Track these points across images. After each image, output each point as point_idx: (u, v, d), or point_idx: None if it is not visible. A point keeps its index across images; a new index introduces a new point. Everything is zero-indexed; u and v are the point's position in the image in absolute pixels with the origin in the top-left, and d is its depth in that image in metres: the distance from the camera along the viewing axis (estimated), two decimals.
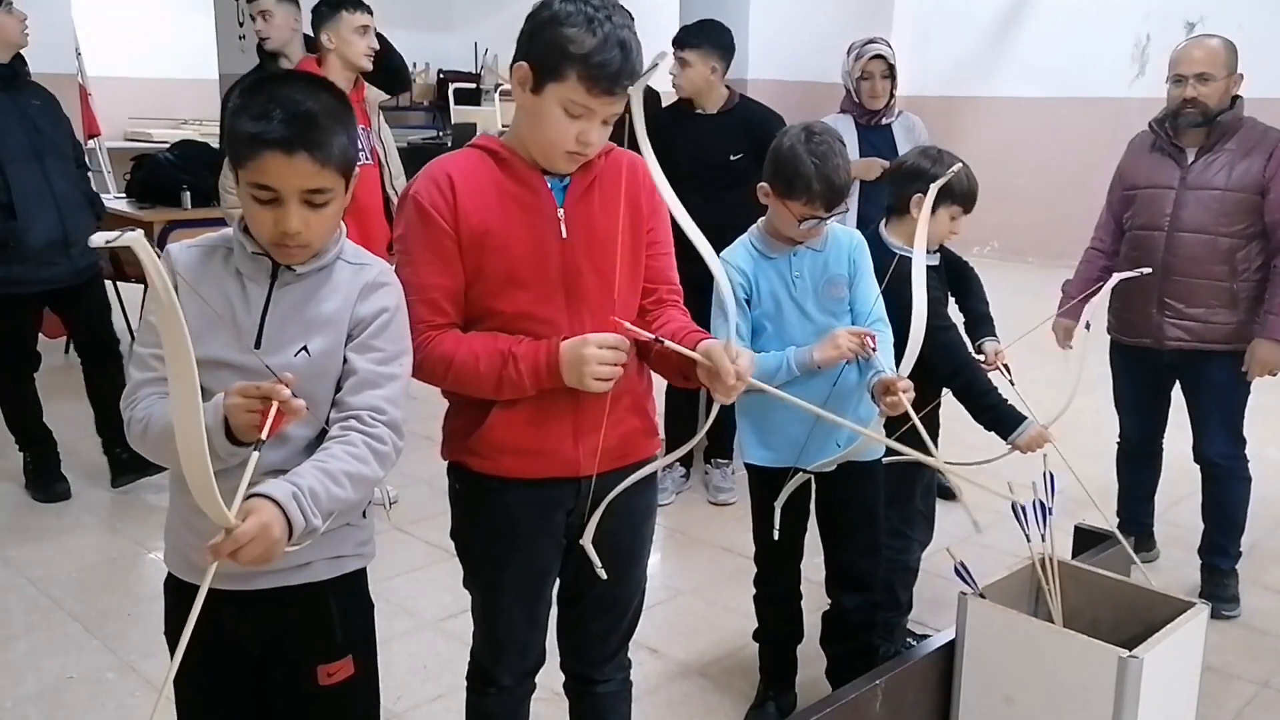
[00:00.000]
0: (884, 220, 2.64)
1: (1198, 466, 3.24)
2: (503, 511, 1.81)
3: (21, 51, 3.76)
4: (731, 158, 3.73)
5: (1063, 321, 3.26)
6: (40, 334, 3.91)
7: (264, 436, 1.36)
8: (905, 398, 2.12)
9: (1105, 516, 2.43)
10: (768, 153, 2.31)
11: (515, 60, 1.66)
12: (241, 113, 1.47)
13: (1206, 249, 3.03)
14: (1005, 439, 2.48)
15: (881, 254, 2.45)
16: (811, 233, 2.28)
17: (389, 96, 3.96)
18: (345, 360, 1.55)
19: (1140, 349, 3.19)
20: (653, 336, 1.66)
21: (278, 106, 1.45)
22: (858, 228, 2.60)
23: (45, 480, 3.90)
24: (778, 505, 2.32)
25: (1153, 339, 3.14)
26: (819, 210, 2.23)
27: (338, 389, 1.55)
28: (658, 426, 1.91)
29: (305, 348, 1.53)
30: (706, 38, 3.77)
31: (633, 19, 1.64)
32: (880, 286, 2.35)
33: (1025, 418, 2.46)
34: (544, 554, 1.85)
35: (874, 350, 2.20)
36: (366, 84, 3.77)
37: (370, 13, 3.65)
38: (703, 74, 3.75)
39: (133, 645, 2.84)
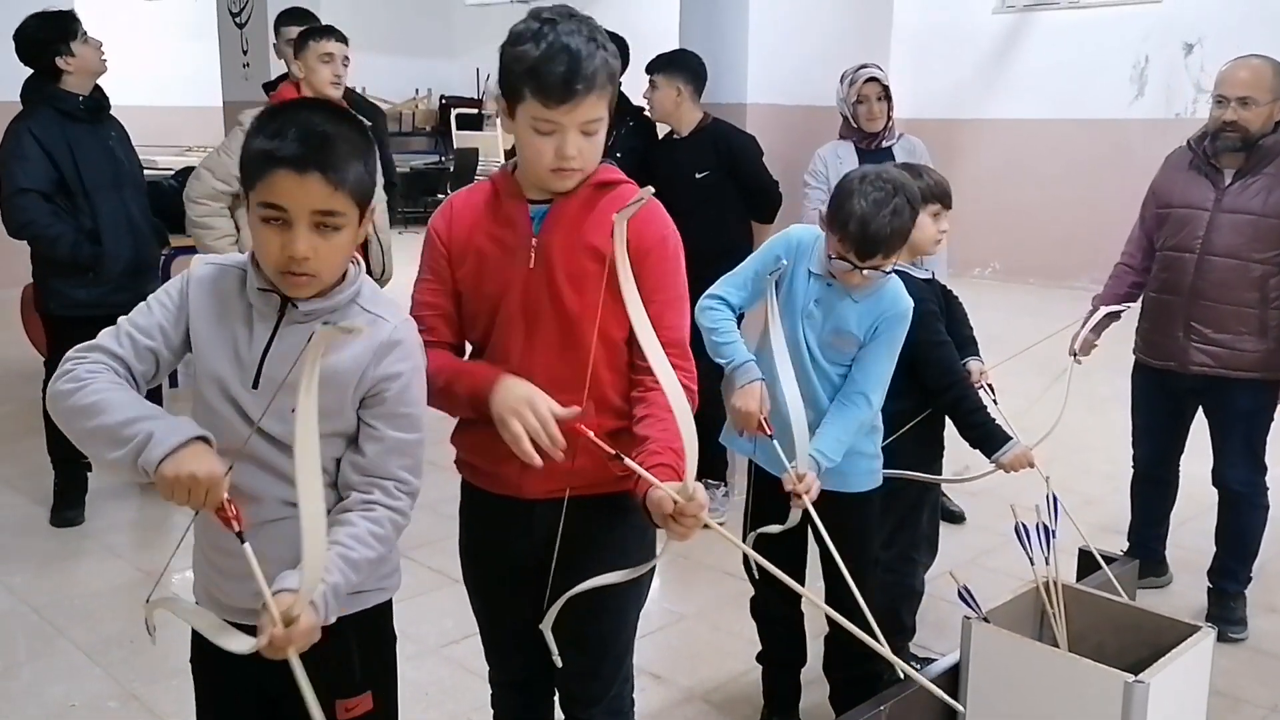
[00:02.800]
0: None
1: (1208, 489, 3.22)
2: (469, 516, 1.91)
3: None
4: (697, 175, 3.82)
5: (1085, 337, 3.23)
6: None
7: (239, 529, 1.36)
8: (805, 500, 2.11)
9: (1084, 537, 2.41)
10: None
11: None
12: (258, 133, 1.45)
13: (1237, 274, 2.98)
14: (989, 457, 2.51)
15: None
16: (847, 275, 2.19)
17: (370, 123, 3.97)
18: (362, 422, 1.52)
19: (1164, 372, 3.16)
20: (613, 453, 1.54)
21: (294, 127, 1.43)
22: None
23: (66, 502, 3.88)
24: (748, 548, 2.21)
25: (1177, 362, 3.10)
26: (849, 253, 2.15)
27: (355, 445, 1.53)
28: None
29: None
30: (672, 62, 3.95)
31: (589, 27, 1.61)
32: None
33: (1011, 437, 2.50)
34: (502, 566, 1.85)
35: (769, 435, 2.18)
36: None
37: (342, 40, 3.66)
38: (669, 95, 3.91)
39: (135, 673, 2.83)
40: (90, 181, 3.69)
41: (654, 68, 3.94)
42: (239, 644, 1.38)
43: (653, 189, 1.59)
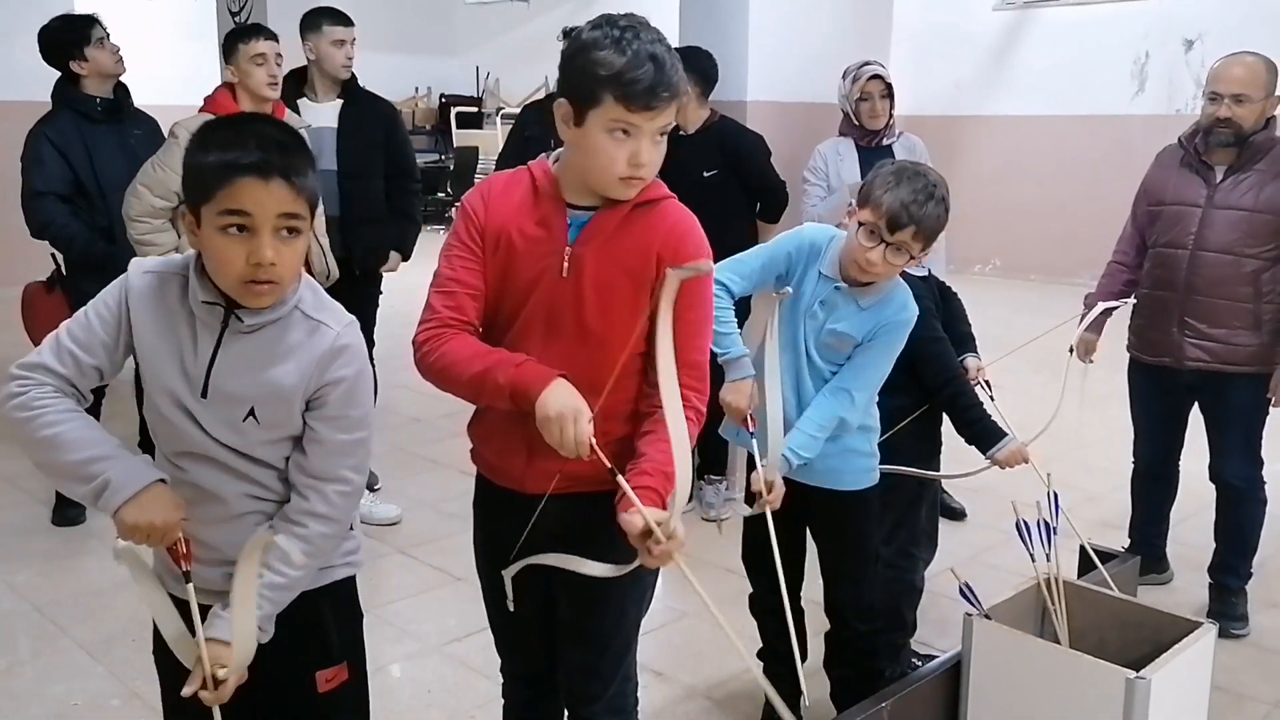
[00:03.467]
0: None
1: (1207, 485, 3.22)
2: (478, 507, 1.94)
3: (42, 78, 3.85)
4: (705, 174, 3.79)
5: (1086, 337, 3.22)
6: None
7: (187, 568, 1.52)
8: (768, 501, 2.18)
9: (1079, 536, 2.42)
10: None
11: (556, 97, 1.66)
12: (207, 147, 1.46)
13: (1230, 270, 3.00)
14: (985, 453, 2.52)
15: None
16: (866, 253, 2.17)
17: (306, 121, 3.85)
18: (306, 425, 1.56)
19: (1159, 368, 3.16)
20: (609, 466, 1.55)
21: (252, 136, 1.45)
22: None
23: (68, 500, 3.86)
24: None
25: (1172, 358, 3.11)
26: (880, 220, 2.14)
27: (300, 446, 1.58)
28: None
29: (253, 412, 1.53)
30: (683, 59, 3.86)
31: (664, 39, 1.65)
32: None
33: (1006, 434, 2.51)
34: (505, 559, 1.84)
35: (751, 432, 2.24)
36: (286, 109, 3.73)
37: (272, 38, 3.57)
38: None
39: (137, 671, 2.83)
40: (106, 181, 3.72)
41: None
42: (180, 646, 1.56)
43: (709, 266, 1.66)
